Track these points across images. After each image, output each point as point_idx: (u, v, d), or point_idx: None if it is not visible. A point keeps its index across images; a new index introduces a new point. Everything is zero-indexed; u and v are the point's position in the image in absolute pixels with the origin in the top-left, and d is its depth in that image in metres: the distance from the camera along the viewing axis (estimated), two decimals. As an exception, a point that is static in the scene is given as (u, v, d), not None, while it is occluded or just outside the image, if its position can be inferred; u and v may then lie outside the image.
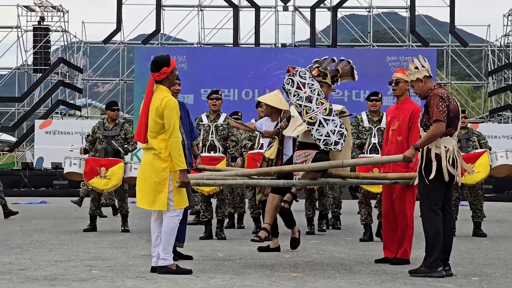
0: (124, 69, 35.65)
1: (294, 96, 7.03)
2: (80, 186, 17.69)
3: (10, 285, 5.35)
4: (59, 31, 35.02)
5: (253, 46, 32.64)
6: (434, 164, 6.07)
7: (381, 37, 55.10)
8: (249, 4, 32.91)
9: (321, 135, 6.93)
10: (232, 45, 32.76)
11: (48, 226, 11.59)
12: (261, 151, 9.46)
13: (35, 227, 11.32)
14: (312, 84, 7.05)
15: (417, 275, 6.03)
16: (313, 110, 6.98)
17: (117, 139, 10.74)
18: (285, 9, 34.19)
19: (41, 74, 33.49)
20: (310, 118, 6.96)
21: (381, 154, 7.57)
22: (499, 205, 20.82)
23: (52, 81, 34.98)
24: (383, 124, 9.05)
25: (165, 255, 6.04)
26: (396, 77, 7.18)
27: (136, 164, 10.68)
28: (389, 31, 46.12)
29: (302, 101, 7.00)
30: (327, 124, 6.94)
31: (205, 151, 9.56)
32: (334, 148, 6.94)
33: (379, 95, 9.39)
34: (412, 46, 33.44)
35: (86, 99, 38.12)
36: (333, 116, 6.96)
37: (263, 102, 8.37)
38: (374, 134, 9.31)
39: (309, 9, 32.99)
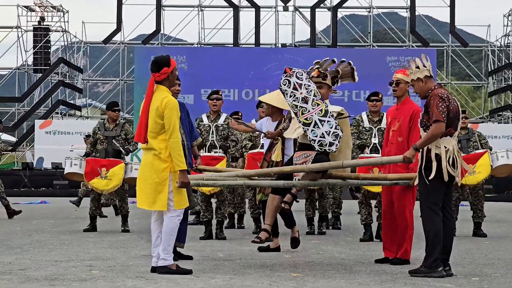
0: (124, 69, 35.67)
1: (290, 97, 7.04)
2: (80, 186, 17.72)
3: (10, 285, 5.35)
4: (59, 31, 35.07)
5: (253, 46, 32.66)
6: (434, 164, 6.07)
7: (381, 37, 55.10)
8: (249, 4, 32.93)
9: (316, 136, 6.94)
10: (232, 45, 32.77)
11: (48, 226, 11.59)
12: (261, 150, 9.46)
13: (35, 227, 11.32)
14: (309, 85, 7.05)
15: (417, 275, 6.03)
16: (308, 111, 6.99)
17: (118, 139, 10.73)
18: (285, 9, 34.21)
19: (41, 74, 33.51)
20: (306, 119, 6.97)
21: (381, 155, 7.56)
22: (499, 205, 20.82)
23: (52, 81, 35.00)
24: (383, 124, 9.05)
25: (165, 255, 6.04)
26: (396, 78, 7.17)
27: (137, 164, 10.64)
28: (389, 31, 46.15)
29: (298, 102, 7.00)
30: (322, 125, 6.95)
31: (205, 151, 9.58)
32: (329, 149, 6.94)
33: (380, 95, 9.39)
34: (412, 46, 33.46)
35: (86, 99, 38.13)
36: (329, 117, 6.96)
37: (264, 101, 8.36)
38: (375, 134, 9.31)
39: (309, 9, 33.01)
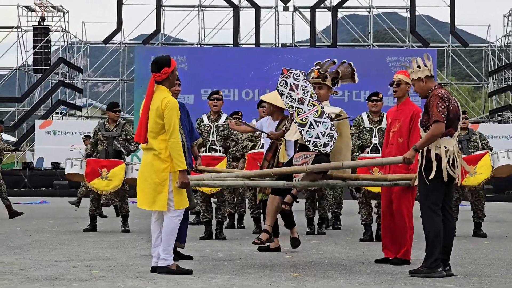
0: (124, 69, 35.68)
1: (287, 97, 7.05)
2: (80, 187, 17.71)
3: (11, 285, 5.35)
4: (59, 31, 35.08)
5: (253, 46, 32.66)
6: (434, 164, 6.06)
7: (382, 37, 55.10)
8: (249, 4, 32.93)
9: (311, 137, 6.95)
10: (232, 45, 32.77)
11: (48, 226, 11.60)
12: (261, 151, 9.46)
13: (35, 227, 11.32)
14: (305, 86, 7.06)
15: (417, 275, 6.03)
16: (304, 112, 7.00)
17: (118, 139, 10.73)
18: (285, 9, 34.21)
19: (41, 74, 33.52)
20: (301, 119, 6.99)
21: (381, 155, 7.55)
22: (499, 205, 20.82)
23: (52, 81, 35.01)
24: (383, 125, 9.04)
25: (165, 255, 6.04)
26: (397, 79, 7.16)
27: (138, 165, 10.63)
28: (390, 31, 46.14)
29: (294, 103, 7.02)
30: (318, 126, 6.96)
31: (206, 151, 9.58)
32: (323, 150, 6.95)
33: (380, 96, 9.38)
34: (412, 46, 33.46)
35: (87, 99, 38.14)
36: (324, 118, 6.97)
37: (266, 101, 8.37)
38: (375, 135, 9.30)
39: (309, 9, 33.01)
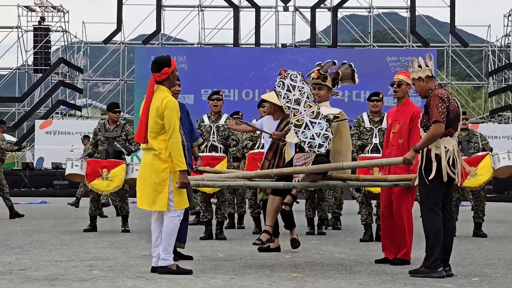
0: (125, 69, 35.68)
1: (284, 98, 7.07)
2: (78, 187, 17.75)
3: (11, 285, 5.35)
4: (59, 31, 35.07)
5: (254, 46, 32.66)
6: (434, 164, 6.06)
7: (382, 38, 55.11)
8: (249, 5, 32.92)
9: (306, 138, 6.97)
10: (232, 45, 32.76)
11: (49, 226, 11.60)
12: (262, 151, 9.46)
13: (36, 227, 11.32)
14: (302, 87, 7.08)
15: (417, 275, 6.03)
16: (300, 113, 7.02)
17: (118, 140, 10.72)
18: (286, 9, 34.21)
19: (41, 74, 33.51)
20: (297, 120, 7.01)
21: (382, 156, 7.55)
22: (499, 206, 20.82)
23: (53, 81, 35.01)
24: (384, 125, 9.03)
25: (165, 255, 6.04)
26: (398, 79, 7.16)
27: (138, 165, 10.61)
28: (390, 31, 46.15)
29: (291, 104, 7.04)
30: (313, 126, 6.98)
31: (206, 151, 9.58)
32: (318, 151, 6.96)
33: (380, 95, 9.38)
34: (412, 46, 33.46)
35: (87, 99, 38.14)
36: (320, 119, 6.99)
37: (267, 99, 8.37)
38: (375, 135, 9.30)
39: (309, 9, 33.00)
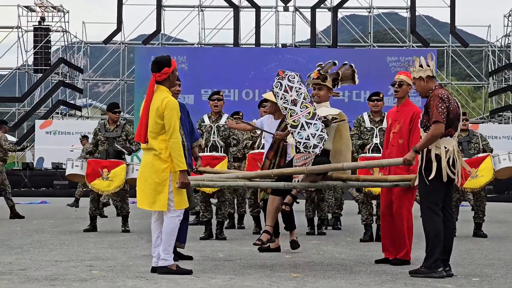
0: (125, 69, 35.69)
1: (281, 99, 7.09)
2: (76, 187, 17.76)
3: (11, 285, 5.35)
4: (59, 31, 35.08)
5: (254, 46, 32.67)
6: (434, 164, 6.06)
7: (382, 38, 55.12)
8: (249, 5, 32.93)
9: (302, 138, 6.98)
10: (232, 46, 32.77)
11: (49, 226, 11.60)
12: (262, 151, 9.46)
13: (36, 227, 11.32)
14: (299, 88, 7.09)
15: (418, 275, 6.03)
16: (296, 113, 7.03)
17: (119, 140, 10.72)
18: (286, 9, 34.22)
19: (41, 74, 33.52)
20: (293, 121, 7.02)
21: (382, 156, 7.55)
22: (499, 206, 20.81)
23: (53, 81, 35.03)
24: (385, 124, 9.03)
25: (165, 255, 6.04)
26: (399, 79, 7.16)
27: (138, 165, 10.60)
28: (390, 31, 46.15)
29: (288, 104, 7.05)
30: (309, 127, 6.99)
31: (207, 151, 9.59)
32: (313, 152, 6.96)
33: (381, 95, 9.38)
34: (412, 46, 33.47)
35: (87, 99, 38.16)
36: (316, 119, 7.00)
37: (268, 99, 8.37)
38: (376, 134, 9.30)
39: (309, 10, 33.01)
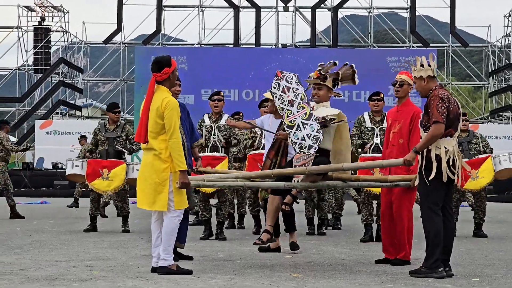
0: (125, 70, 35.69)
1: (279, 99, 7.09)
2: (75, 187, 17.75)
3: (11, 285, 5.35)
4: (59, 32, 35.08)
5: (254, 46, 32.67)
6: (434, 164, 6.06)
7: (382, 38, 55.15)
8: (249, 5, 32.93)
9: (298, 139, 6.98)
10: (232, 46, 32.77)
11: (49, 226, 11.60)
12: (262, 151, 9.45)
13: (36, 227, 11.32)
14: (297, 89, 7.11)
15: (418, 275, 6.03)
16: (293, 114, 7.04)
17: (119, 140, 10.71)
18: (286, 9, 34.22)
19: (41, 74, 33.52)
20: (290, 121, 7.03)
21: (382, 156, 7.55)
22: (500, 206, 20.81)
23: (53, 81, 35.02)
24: (385, 124, 9.03)
25: (165, 255, 6.04)
26: (400, 79, 7.16)
27: (138, 165, 10.60)
28: (390, 31, 46.18)
29: (285, 105, 7.05)
30: (305, 128, 7.00)
31: (207, 151, 9.59)
32: (308, 152, 6.97)
33: (381, 95, 9.38)
34: (412, 46, 33.47)
35: (87, 99, 38.16)
36: (312, 120, 7.01)
37: (270, 98, 8.37)
38: (377, 134, 9.30)
39: (309, 10, 33.00)
